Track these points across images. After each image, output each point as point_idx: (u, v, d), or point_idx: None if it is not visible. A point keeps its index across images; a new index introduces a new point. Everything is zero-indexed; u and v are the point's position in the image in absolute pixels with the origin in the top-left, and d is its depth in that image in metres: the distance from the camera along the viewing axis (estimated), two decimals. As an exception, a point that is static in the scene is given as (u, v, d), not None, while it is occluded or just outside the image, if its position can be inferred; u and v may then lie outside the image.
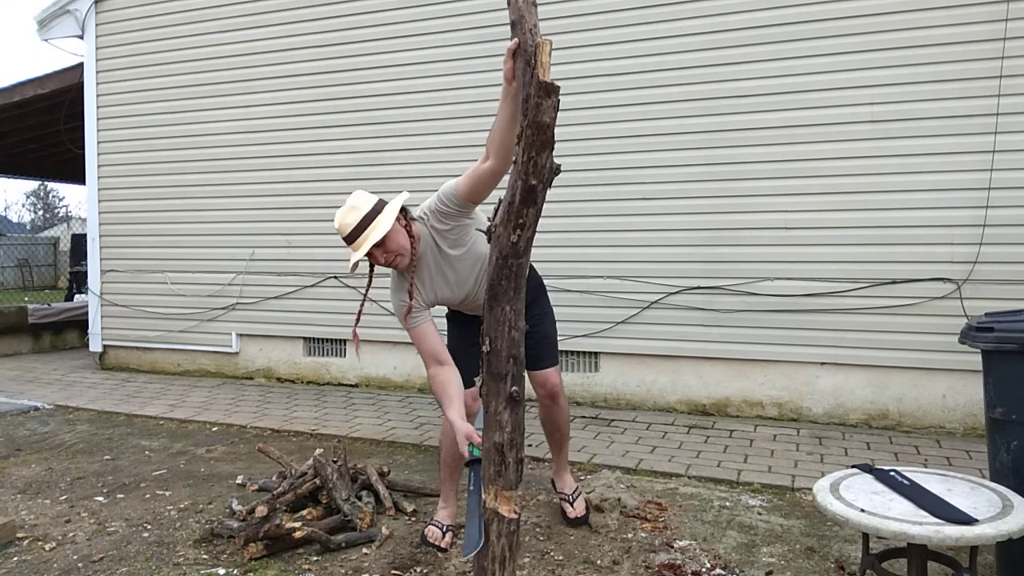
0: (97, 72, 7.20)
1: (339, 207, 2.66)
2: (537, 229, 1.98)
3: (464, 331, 2.98)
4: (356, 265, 2.60)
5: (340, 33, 6.17)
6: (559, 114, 1.94)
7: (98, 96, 7.21)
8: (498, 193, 2.23)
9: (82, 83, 7.29)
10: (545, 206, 2.72)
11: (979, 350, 2.55)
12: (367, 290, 2.78)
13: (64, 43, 7.55)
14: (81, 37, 7.25)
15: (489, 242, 2.00)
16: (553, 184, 2.57)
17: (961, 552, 2.48)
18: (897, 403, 4.74)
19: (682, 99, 5.14)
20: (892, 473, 2.39)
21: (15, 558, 2.95)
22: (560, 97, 1.85)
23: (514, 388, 1.99)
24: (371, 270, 2.74)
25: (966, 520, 2.02)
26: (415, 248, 2.66)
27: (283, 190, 6.41)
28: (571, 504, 3.20)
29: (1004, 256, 4.45)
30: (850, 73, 4.73)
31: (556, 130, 1.90)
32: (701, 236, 5.13)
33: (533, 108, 1.83)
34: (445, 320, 3.12)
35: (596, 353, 5.48)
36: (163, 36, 6.88)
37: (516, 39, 1.96)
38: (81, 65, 7.35)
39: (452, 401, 2.55)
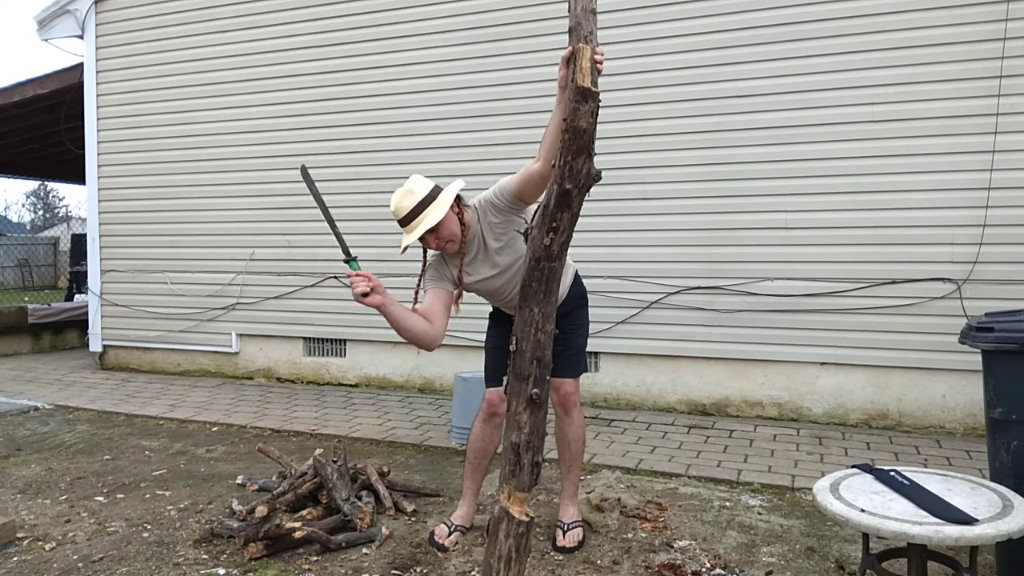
0: (97, 72, 7.20)
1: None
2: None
3: (502, 331, 3.00)
4: (407, 248, 2.67)
5: (340, 33, 6.17)
6: None
7: (98, 96, 7.21)
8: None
9: (82, 83, 7.29)
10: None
11: (979, 350, 2.55)
12: (421, 274, 2.81)
13: (64, 43, 7.56)
14: (81, 37, 7.25)
15: (526, 243, 2.03)
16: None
17: (961, 552, 2.48)
18: (897, 403, 4.74)
19: (682, 99, 5.14)
20: (892, 473, 2.39)
21: (15, 558, 2.95)
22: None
23: (535, 390, 2.01)
24: (424, 253, 2.79)
25: (966, 520, 2.02)
26: (465, 236, 2.71)
27: (283, 190, 6.40)
28: (564, 533, 3.00)
29: (1004, 256, 4.46)
30: (850, 73, 4.73)
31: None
32: (701, 236, 5.13)
33: (571, 113, 1.85)
34: (487, 318, 3.13)
35: (596, 353, 5.47)
36: (163, 36, 6.88)
37: (570, 47, 1.92)
38: (81, 65, 7.35)
39: (409, 311, 2.64)
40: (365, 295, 2.48)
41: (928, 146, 4.59)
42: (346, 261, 2.56)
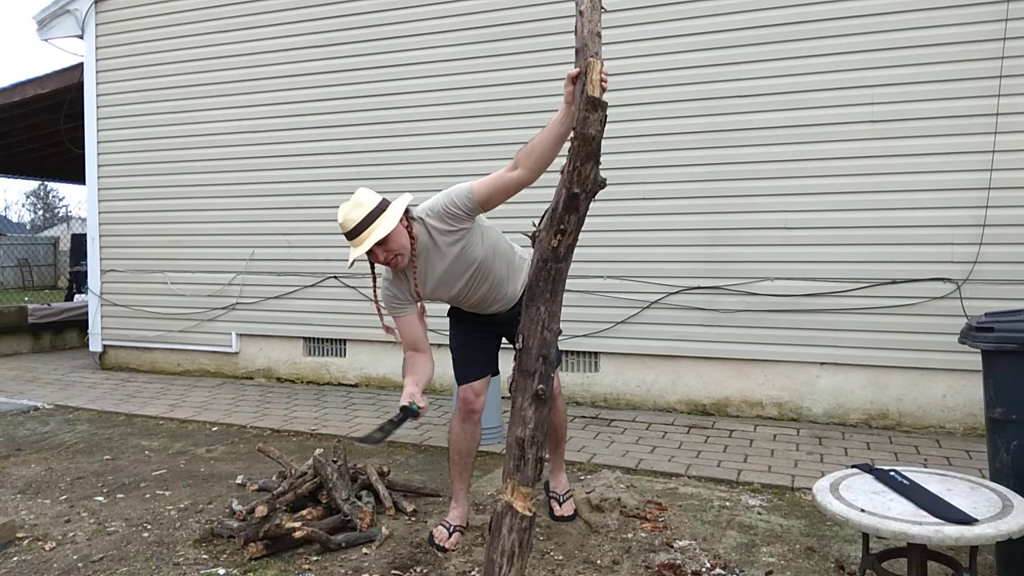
0: (97, 72, 7.20)
1: (339, 206, 2.68)
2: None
3: (464, 328, 3.07)
4: (354, 262, 2.65)
5: (340, 33, 6.17)
6: (556, 114, 1.99)
7: (98, 96, 7.21)
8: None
9: (82, 83, 7.29)
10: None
11: (979, 350, 2.55)
12: (375, 289, 2.81)
13: (64, 43, 7.56)
14: (81, 37, 7.25)
15: (533, 246, 2.09)
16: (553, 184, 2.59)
17: (961, 552, 2.48)
18: (897, 403, 4.74)
19: (682, 99, 5.14)
20: (892, 473, 2.39)
21: (15, 558, 2.95)
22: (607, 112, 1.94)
23: (540, 386, 2.05)
24: (372, 268, 2.77)
25: (966, 520, 2.02)
26: (414, 249, 2.68)
27: (283, 190, 6.41)
28: (560, 504, 3.23)
29: (1004, 256, 4.45)
30: (850, 73, 4.73)
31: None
32: (701, 236, 5.13)
33: (580, 121, 1.95)
34: (447, 317, 3.14)
35: (596, 353, 5.48)
36: (163, 36, 6.88)
37: (577, 66, 2.03)
38: (81, 65, 7.35)
39: (415, 373, 2.74)
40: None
41: (928, 146, 4.59)
42: (411, 414, 2.63)
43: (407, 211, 2.69)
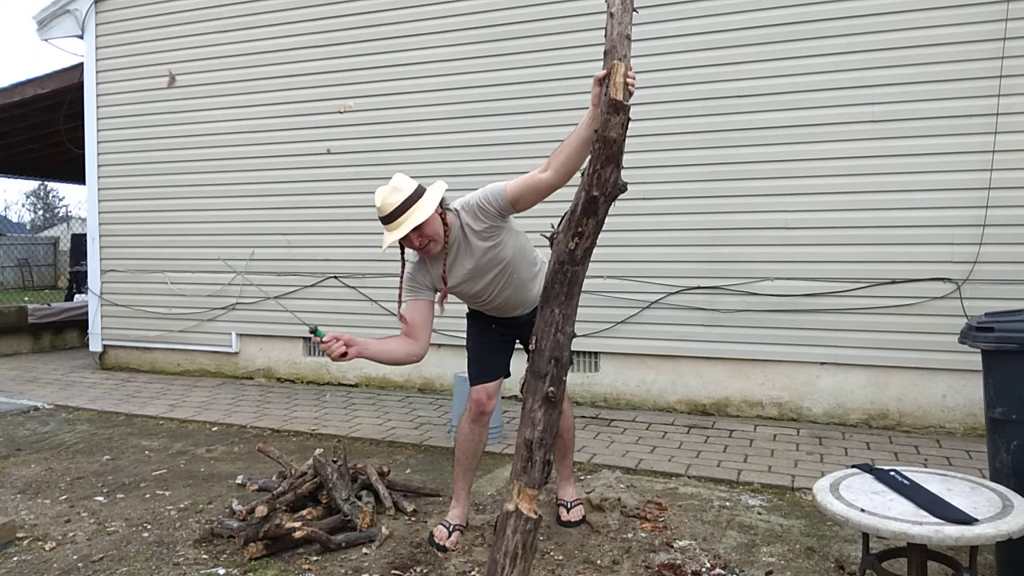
0: (97, 72, 7.20)
1: (376, 190, 2.71)
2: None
3: (482, 329, 3.08)
4: (388, 247, 2.67)
5: (340, 33, 6.17)
6: (556, 114, 1.99)
7: (98, 96, 7.21)
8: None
9: (82, 83, 7.29)
10: (544, 206, 2.75)
11: (979, 350, 2.55)
12: (402, 274, 2.82)
13: (64, 43, 7.56)
14: (81, 37, 7.25)
15: (551, 248, 2.08)
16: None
17: (961, 552, 2.48)
18: (897, 403, 4.74)
19: (682, 99, 5.14)
20: (892, 473, 2.39)
21: (15, 558, 2.95)
22: (630, 116, 1.95)
23: (551, 388, 2.05)
24: (402, 254, 2.78)
25: (966, 520, 2.02)
26: (447, 237, 2.71)
27: (283, 190, 6.41)
28: (568, 510, 3.19)
29: (1004, 256, 4.46)
30: (850, 73, 4.73)
31: (556, 129, 1.94)
32: (701, 236, 5.13)
33: (602, 123, 1.93)
34: (465, 319, 3.15)
35: (596, 353, 5.47)
36: (163, 36, 6.88)
37: (606, 68, 2.02)
38: (81, 65, 7.35)
39: (383, 342, 2.76)
40: (343, 355, 2.56)
41: (928, 146, 4.59)
42: (312, 332, 2.58)
43: (442, 199, 2.72)
